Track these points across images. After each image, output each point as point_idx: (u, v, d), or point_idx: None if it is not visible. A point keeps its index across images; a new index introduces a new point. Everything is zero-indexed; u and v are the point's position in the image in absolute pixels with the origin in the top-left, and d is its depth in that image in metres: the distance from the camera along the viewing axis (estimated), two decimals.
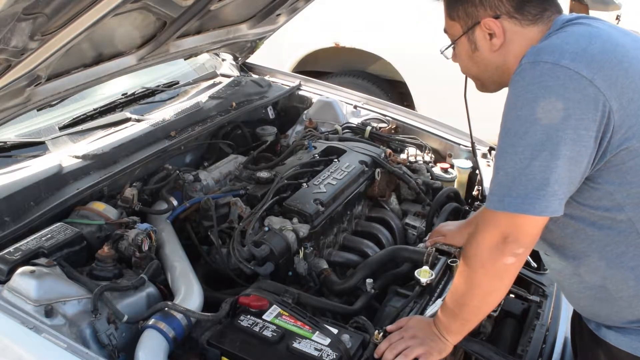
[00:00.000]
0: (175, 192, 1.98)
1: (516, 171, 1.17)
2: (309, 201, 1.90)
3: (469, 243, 1.30)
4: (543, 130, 1.14)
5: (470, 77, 1.50)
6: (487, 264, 1.25)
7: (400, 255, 1.83)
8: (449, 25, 1.42)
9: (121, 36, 2.00)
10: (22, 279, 1.37)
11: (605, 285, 1.33)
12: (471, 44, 1.38)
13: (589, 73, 1.14)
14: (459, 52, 1.43)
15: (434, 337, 1.39)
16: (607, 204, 1.24)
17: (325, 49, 4.89)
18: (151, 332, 1.36)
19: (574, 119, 1.13)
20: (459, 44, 1.41)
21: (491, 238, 1.23)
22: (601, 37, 1.22)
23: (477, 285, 1.30)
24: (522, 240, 1.22)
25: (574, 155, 1.15)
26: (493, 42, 1.34)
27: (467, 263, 1.30)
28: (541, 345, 1.69)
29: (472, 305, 1.34)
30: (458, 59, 1.46)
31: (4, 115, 1.75)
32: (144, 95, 2.55)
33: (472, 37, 1.37)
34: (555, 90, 1.14)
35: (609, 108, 1.14)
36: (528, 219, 1.19)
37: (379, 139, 2.58)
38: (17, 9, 1.23)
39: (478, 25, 1.35)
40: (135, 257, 1.61)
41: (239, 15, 2.57)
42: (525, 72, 1.19)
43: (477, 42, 1.37)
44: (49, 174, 1.79)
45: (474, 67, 1.43)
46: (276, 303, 1.47)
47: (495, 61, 1.37)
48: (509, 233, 1.21)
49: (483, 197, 2.29)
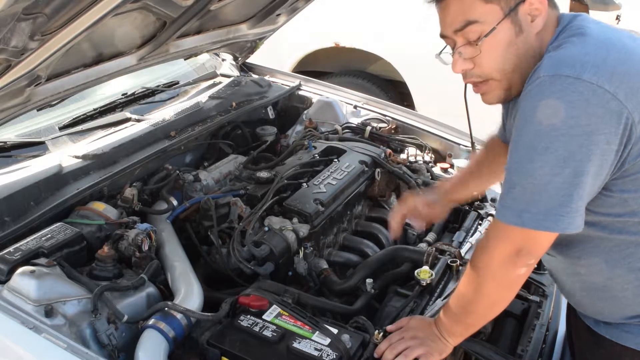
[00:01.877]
0: (175, 192, 1.98)
1: (535, 187, 1.13)
2: (309, 201, 1.90)
3: (478, 254, 1.28)
4: (565, 146, 1.10)
5: (494, 79, 1.29)
6: (498, 275, 1.24)
7: (400, 255, 1.83)
8: (480, 12, 1.22)
9: (121, 36, 2.00)
10: (22, 279, 1.36)
11: (609, 285, 1.32)
12: (515, 26, 1.22)
13: (611, 87, 1.10)
14: (493, 42, 1.23)
15: (434, 338, 1.39)
16: (620, 210, 1.23)
17: (325, 49, 4.89)
18: (151, 332, 1.36)
19: (597, 135, 1.10)
20: (497, 31, 1.22)
21: (504, 251, 1.20)
22: (615, 46, 1.18)
23: (486, 295, 1.29)
24: (535, 253, 1.21)
25: (596, 170, 1.13)
26: (536, 22, 1.23)
27: (476, 273, 1.28)
28: (541, 345, 1.69)
29: (478, 313, 1.33)
30: (485, 55, 1.25)
31: (4, 115, 1.75)
32: (144, 95, 2.54)
33: (516, 17, 1.22)
34: (578, 105, 1.09)
35: (631, 120, 1.11)
36: (546, 234, 1.17)
37: (379, 139, 2.58)
38: (17, 9, 1.23)
39: (523, 2, 1.21)
40: (135, 257, 1.61)
41: (239, 15, 2.57)
42: (545, 86, 1.13)
43: (521, 24, 1.22)
44: (49, 174, 1.79)
45: (511, 59, 1.25)
46: (276, 303, 1.47)
47: (535, 47, 1.24)
48: (523, 247, 1.19)
49: (483, 197, 2.29)
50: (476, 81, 1.32)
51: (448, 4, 1.26)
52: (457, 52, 1.28)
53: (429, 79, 4.43)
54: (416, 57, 4.47)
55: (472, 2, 1.22)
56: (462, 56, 1.28)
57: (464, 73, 1.32)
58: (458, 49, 1.28)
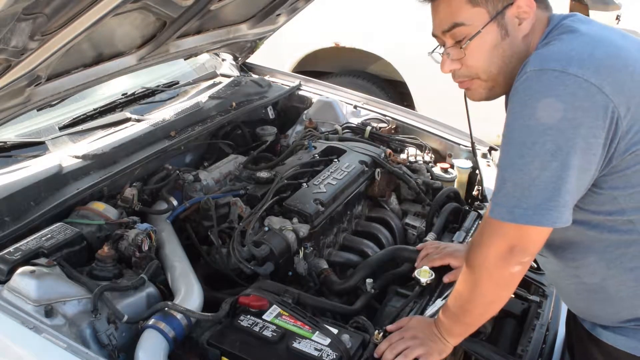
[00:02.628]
0: (175, 192, 1.98)
1: (525, 182, 1.14)
2: (309, 201, 1.90)
3: (473, 252, 1.28)
4: (553, 140, 1.11)
5: (479, 79, 1.32)
6: (493, 273, 1.24)
7: (400, 255, 1.84)
8: (467, 15, 1.24)
9: (121, 36, 2.00)
10: (22, 279, 1.36)
11: (604, 286, 1.32)
12: (501, 30, 1.24)
13: (598, 80, 1.10)
14: (479, 45, 1.26)
15: (434, 338, 1.39)
16: (610, 208, 1.23)
17: (325, 49, 4.89)
18: (151, 332, 1.36)
19: (584, 128, 1.10)
20: (483, 34, 1.24)
21: (498, 248, 1.21)
22: (603, 41, 1.19)
23: (483, 294, 1.29)
24: (529, 250, 1.21)
25: (583, 164, 1.13)
26: (523, 26, 1.24)
27: (472, 272, 1.28)
28: (541, 345, 1.68)
29: (475, 312, 1.34)
30: (470, 57, 1.28)
31: (4, 115, 1.75)
32: (144, 95, 2.55)
33: (503, 21, 1.24)
34: (565, 98, 1.10)
35: (617, 114, 1.12)
36: (537, 230, 1.17)
37: (379, 139, 2.58)
38: (17, 9, 1.23)
39: (510, 6, 1.23)
40: (135, 257, 1.61)
41: (239, 15, 2.57)
42: (532, 81, 1.14)
43: (507, 27, 1.24)
44: (49, 174, 1.79)
45: (497, 62, 1.27)
46: (276, 303, 1.47)
47: (521, 50, 1.26)
48: (517, 243, 1.19)
49: (483, 197, 2.29)
50: (463, 80, 1.35)
51: (438, 5, 1.29)
52: (446, 53, 1.31)
53: (429, 79, 4.40)
54: (416, 57, 4.43)
55: (459, 5, 1.25)
56: (450, 57, 1.30)
57: (453, 73, 1.34)
58: (447, 50, 1.31)
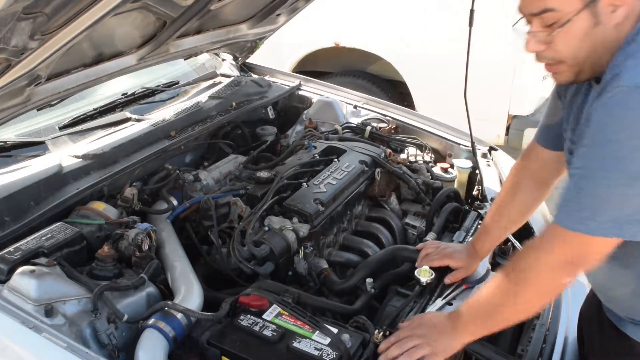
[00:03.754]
0: (175, 192, 1.98)
1: (606, 195, 1.12)
2: (309, 201, 1.90)
3: (526, 255, 1.23)
4: None
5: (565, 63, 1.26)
6: (543, 282, 1.21)
7: (400, 255, 1.83)
8: (559, 1, 1.17)
9: (121, 36, 2.00)
10: (22, 279, 1.36)
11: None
12: (593, 17, 1.17)
13: None
14: (569, 31, 1.19)
15: (444, 335, 1.35)
16: None
17: (325, 49, 4.89)
18: (151, 332, 1.35)
19: None
20: (574, 21, 1.17)
21: (557, 257, 1.18)
22: None
23: (521, 301, 1.25)
24: (590, 261, 1.18)
25: None
26: (617, 13, 1.17)
27: (517, 276, 1.24)
28: (541, 345, 1.68)
29: (504, 317, 1.30)
30: (558, 42, 1.21)
31: (4, 115, 1.75)
32: (144, 95, 2.55)
33: (595, 8, 1.16)
34: None
35: None
36: (606, 242, 1.14)
37: (379, 139, 2.58)
38: (17, 8, 1.23)
39: None
40: (135, 256, 1.61)
41: (239, 15, 2.57)
42: (629, 97, 1.10)
43: (600, 15, 1.17)
44: (49, 174, 1.79)
45: (585, 48, 1.21)
46: (276, 303, 1.47)
47: (613, 38, 1.20)
48: (580, 254, 1.16)
49: (483, 196, 2.29)
50: (548, 62, 1.28)
51: None
52: (532, 34, 1.24)
53: (429, 79, 4.43)
54: (416, 57, 4.48)
55: None
56: (535, 38, 1.24)
57: (536, 54, 1.28)
58: (532, 31, 1.24)
